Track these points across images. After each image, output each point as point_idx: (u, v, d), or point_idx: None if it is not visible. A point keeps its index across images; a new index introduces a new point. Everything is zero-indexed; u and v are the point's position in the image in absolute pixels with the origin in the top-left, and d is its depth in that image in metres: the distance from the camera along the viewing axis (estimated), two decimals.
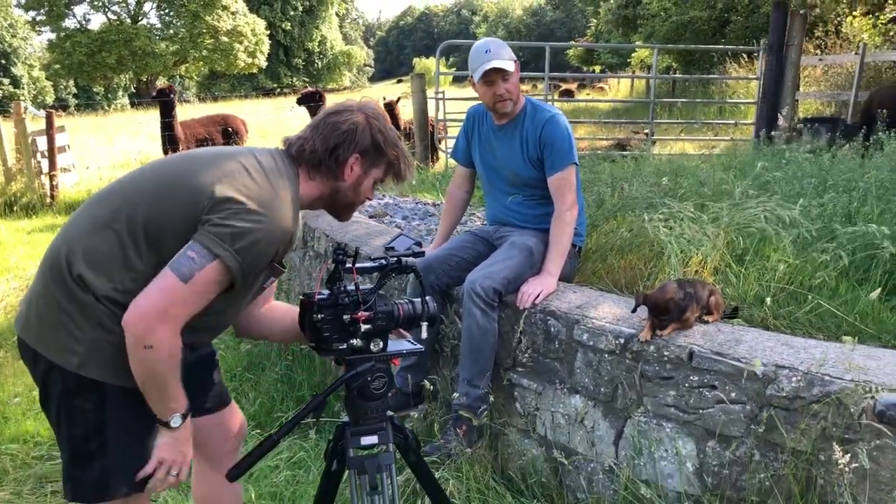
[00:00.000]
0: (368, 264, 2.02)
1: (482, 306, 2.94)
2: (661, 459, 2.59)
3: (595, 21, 36.71)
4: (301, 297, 2.00)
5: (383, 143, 2.00)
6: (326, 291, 1.95)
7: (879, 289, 2.94)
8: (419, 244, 2.07)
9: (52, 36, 39.35)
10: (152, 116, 15.85)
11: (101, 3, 41.15)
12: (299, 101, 11.30)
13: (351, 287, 1.94)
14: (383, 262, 2.01)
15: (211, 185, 1.79)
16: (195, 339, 1.92)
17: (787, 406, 2.28)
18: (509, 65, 3.11)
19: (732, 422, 2.40)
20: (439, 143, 10.14)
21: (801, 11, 9.27)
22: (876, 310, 2.85)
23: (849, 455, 2.10)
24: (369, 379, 1.97)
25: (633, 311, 2.67)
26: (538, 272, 3.11)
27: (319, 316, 1.92)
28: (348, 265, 1.94)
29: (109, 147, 16.80)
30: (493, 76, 3.11)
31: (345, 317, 1.92)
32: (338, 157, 1.96)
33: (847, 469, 2.10)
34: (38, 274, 1.87)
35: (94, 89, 55.05)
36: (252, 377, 4.15)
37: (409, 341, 2.09)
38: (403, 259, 2.01)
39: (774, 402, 2.30)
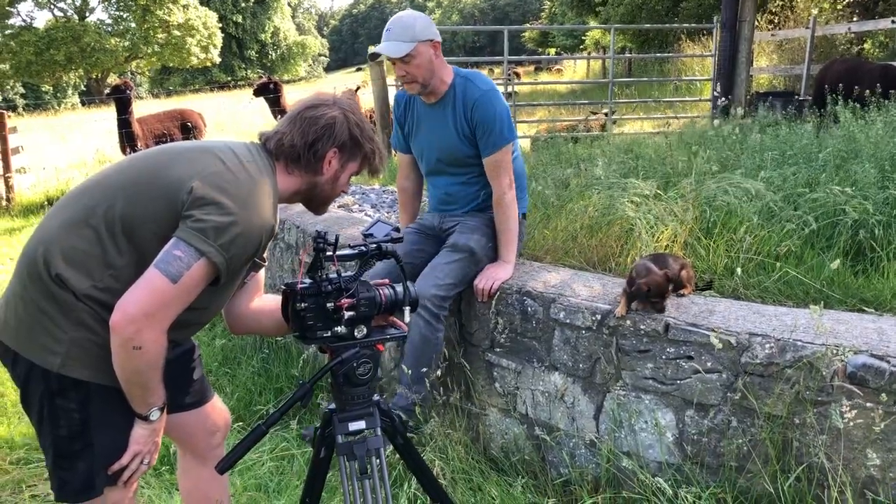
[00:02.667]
0: (348, 252, 2.02)
1: (427, 317, 2.91)
2: (641, 431, 2.65)
3: (550, 3, 36.86)
4: (283, 286, 2.00)
5: (360, 136, 2.01)
6: (308, 280, 1.95)
7: (838, 260, 3.01)
8: (397, 230, 2.08)
9: None
10: (105, 114, 15.55)
11: (46, 0, 40.16)
12: (256, 93, 11.17)
13: (333, 275, 1.95)
14: (363, 248, 2.02)
15: (190, 181, 1.77)
16: (178, 335, 1.92)
17: (761, 372, 2.34)
18: (399, 49, 2.87)
19: (709, 390, 2.46)
20: None
21: None
22: (841, 275, 2.93)
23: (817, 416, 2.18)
24: (355, 365, 1.97)
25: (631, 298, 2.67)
26: (484, 266, 3.09)
27: (302, 305, 1.92)
28: (329, 253, 1.95)
29: (64, 147, 16.46)
30: (392, 57, 2.91)
31: (328, 304, 1.92)
32: (316, 151, 1.96)
33: (821, 430, 2.18)
34: (15, 275, 1.84)
35: (43, 88, 53.76)
36: (228, 371, 4.13)
37: (395, 328, 2.10)
38: (383, 245, 2.02)
39: (749, 370, 2.36)
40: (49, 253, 1.76)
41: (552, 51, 38.00)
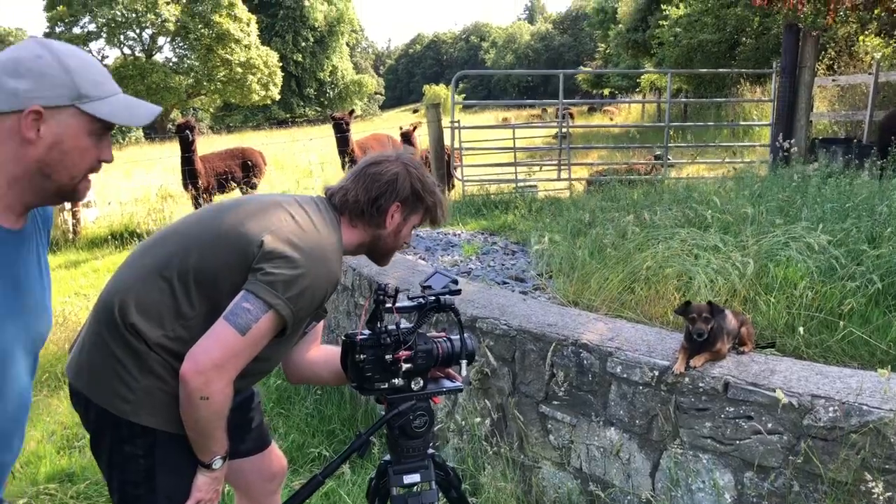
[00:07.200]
0: (407, 304, 2.05)
1: None
2: (698, 491, 2.59)
3: (603, 46, 36.98)
4: (343, 337, 2.03)
5: (422, 190, 2.06)
6: (367, 332, 1.98)
7: None
8: (455, 282, 2.10)
9: None
10: (168, 150, 16.00)
11: (117, 40, 41.84)
12: (337, 128, 11.14)
13: (392, 327, 1.97)
14: (421, 301, 2.04)
15: (260, 235, 1.83)
16: (241, 384, 1.96)
17: (825, 436, 2.28)
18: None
19: (770, 452, 2.40)
20: (455, 170, 10.21)
21: (814, 33, 9.31)
22: None
23: (885, 485, 2.10)
24: (411, 418, 1.99)
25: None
26: None
27: (361, 356, 1.95)
28: (388, 305, 1.98)
29: (128, 182, 16.94)
30: None
31: (386, 357, 1.94)
32: (380, 206, 2.01)
33: (885, 499, 2.10)
34: (90, 321, 1.91)
35: None
36: (283, 412, 4.17)
37: (451, 380, 2.12)
38: (441, 298, 2.05)
39: (812, 433, 2.30)
40: (124, 302, 1.82)
41: (606, 91, 38.03)
